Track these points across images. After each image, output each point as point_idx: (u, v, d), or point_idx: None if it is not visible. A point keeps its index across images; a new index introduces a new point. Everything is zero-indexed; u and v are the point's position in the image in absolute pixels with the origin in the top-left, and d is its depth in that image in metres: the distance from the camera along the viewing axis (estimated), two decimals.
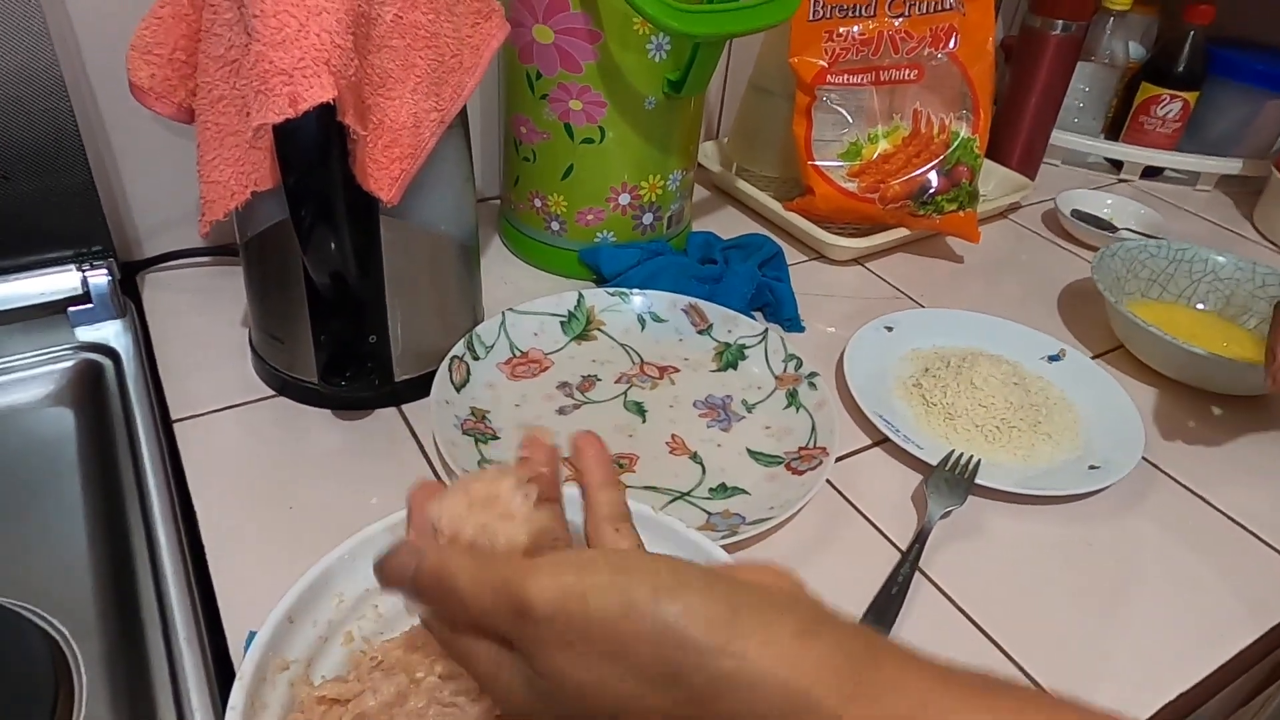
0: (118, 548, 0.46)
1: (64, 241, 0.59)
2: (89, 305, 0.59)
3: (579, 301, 0.66)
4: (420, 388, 0.58)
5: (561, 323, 0.66)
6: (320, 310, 0.54)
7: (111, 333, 0.59)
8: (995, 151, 0.97)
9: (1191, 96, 0.99)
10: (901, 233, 0.80)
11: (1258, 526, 0.56)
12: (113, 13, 0.59)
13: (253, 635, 0.41)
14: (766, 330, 0.65)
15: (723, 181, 0.88)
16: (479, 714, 0.30)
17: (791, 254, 0.81)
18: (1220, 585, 0.52)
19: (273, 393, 0.59)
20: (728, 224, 0.84)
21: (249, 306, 0.60)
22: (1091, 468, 0.57)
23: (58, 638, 0.42)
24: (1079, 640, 0.48)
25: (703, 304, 0.67)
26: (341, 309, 0.54)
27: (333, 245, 0.49)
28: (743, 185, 0.85)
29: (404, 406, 0.59)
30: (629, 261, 0.70)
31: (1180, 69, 0.98)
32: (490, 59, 0.55)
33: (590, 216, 0.71)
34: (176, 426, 0.55)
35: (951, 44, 0.76)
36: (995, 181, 0.94)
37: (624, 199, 0.70)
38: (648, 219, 0.72)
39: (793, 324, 0.70)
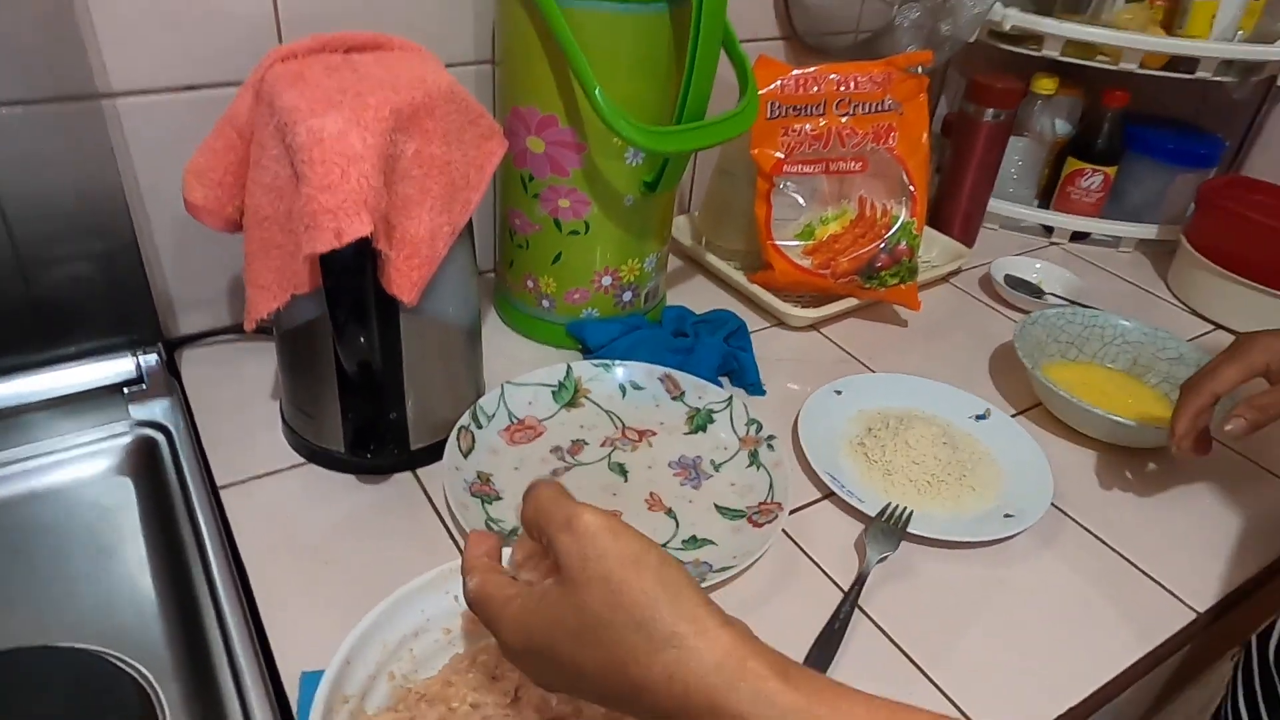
0: (184, 600, 0.55)
1: (119, 330, 0.68)
2: (142, 386, 0.68)
3: (568, 373, 0.76)
4: (433, 454, 0.67)
5: (553, 392, 0.75)
6: (349, 392, 0.63)
7: (160, 410, 0.68)
8: (937, 221, 1.09)
9: (1111, 170, 1.11)
10: (852, 301, 0.91)
11: (1146, 565, 0.66)
12: (156, 135, 0.68)
13: (305, 675, 0.50)
14: (731, 397, 0.74)
15: (693, 253, 0.98)
16: None
17: (755, 321, 0.91)
18: (1113, 614, 0.62)
19: (303, 460, 0.68)
20: (698, 292, 0.95)
21: (282, 385, 0.69)
22: (1007, 515, 0.67)
23: (141, 681, 0.50)
24: (994, 665, 0.57)
25: (676, 373, 0.76)
26: (367, 391, 0.63)
27: (362, 339, 0.59)
28: (711, 258, 0.96)
29: (419, 471, 0.68)
30: (611, 335, 0.80)
31: (1101, 145, 1.10)
32: (492, 174, 0.65)
33: (577, 295, 0.80)
34: (222, 492, 0.63)
35: (891, 140, 0.87)
36: (938, 249, 1.05)
37: (606, 280, 0.80)
38: (627, 296, 0.82)
39: (755, 388, 0.80)
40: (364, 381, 0.62)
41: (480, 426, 0.70)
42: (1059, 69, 1.08)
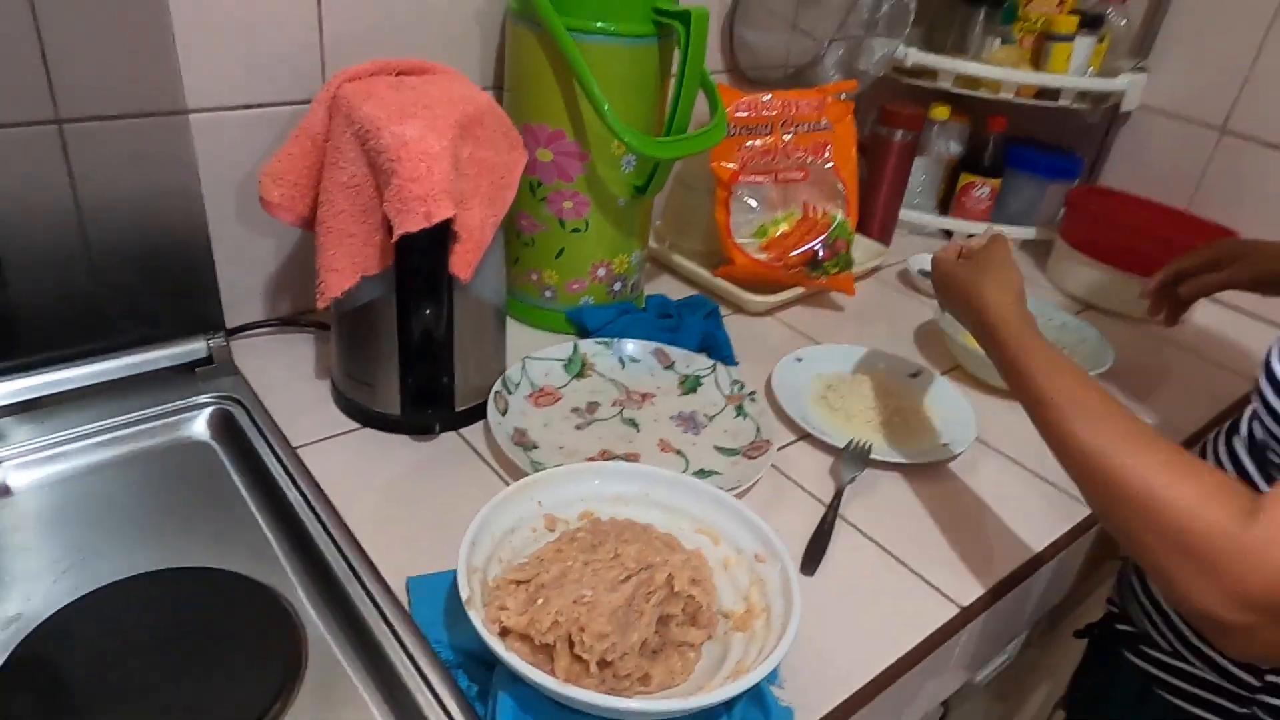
0: (296, 531, 0.64)
1: (191, 317, 0.77)
2: (212, 365, 0.77)
3: (575, 349, 0.89)
4: (474, 415, 0.79)
5: (564, 365, 0.88)
6: (412, 358, 0.74)
7: (229, 385, 0.77)
8: (861, 226, 1.27)
9: (996, 182, 1.32)
10: (799, 290, 1.07)
11: (1052, 476, 0.84)
12: (218, 147, 0.78)
13: (411, 579, 0.61)
14: (715, 364, 0.89)
15: (661, 255, 1.13)
16: (612, 578, 0.52)
17: (721, 309, 1.06)
18: (1035, 506, 0.79)
19: (358, 425, 0.78)
20: (667, 288, 1.09)
21: (337, 359, 0.79)
22: (944, 444, 0.84)
23: (277, 592, 0.60)
24: (950, 549, 0.73)
25: (666, 347, 0.90)
26: (428, 357, 0.74)
27: (429, 311, 0.71)
28: (678, 257, 1.11)
29: (462, 431, 0.79)
30: (607, 318, 0.93)
31: (987, 162, 1.32)
32: (519, 176, 0.78)
33: (576, 286, 0.94)
34: (299, 451, 0.73)
35: (827, 154, 1.05)
36: (862, 250, 1.23)
37: (601, 272, 0.94)
38: (618, 286, 0.96)
39: (729, 360, 0.95)
40: (425, 349, 0.73)
41: (510, 392, 0.82)
42: (951, 99, 1.29)
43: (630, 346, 0.90)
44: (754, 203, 1.05)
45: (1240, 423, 0.66)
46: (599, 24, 0.81)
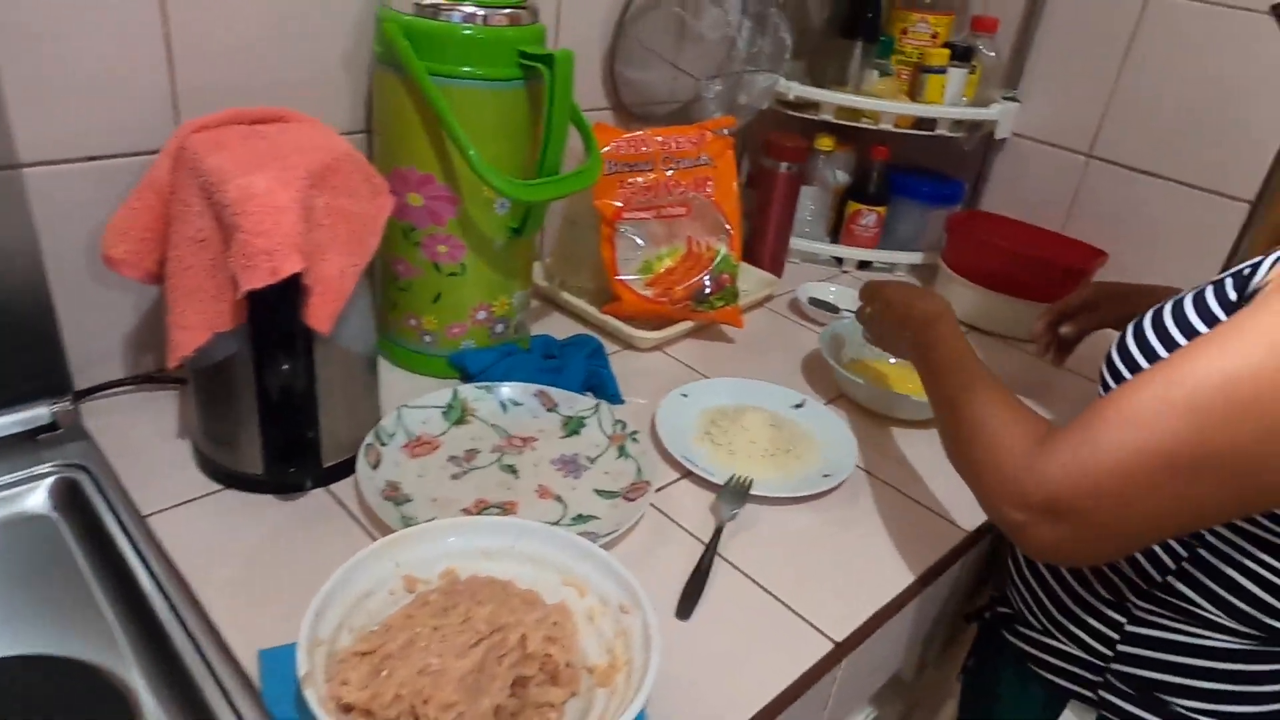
0: (138, 609, 0.61)
1: (33, 381, 0.73)
2: (57, 431, 0.73)
3: (454, 395, 0.87)
4: (342, 471, 0.76)
5: (443, 412, 0.86)
6: (271, 415, 0.71)
7: (76, 452, 0.73)
8: (752, 257, 1.29)
9: (882, 210, 1.36)
10: (688, 324, 1.08)
11: (929, 501, 0.85)
12: (59, 202, 0.75)
13: (263, 651, 0.58)
14: (599, 404, 0.88)
15: (549, 293, 1.12)
16: (462, 644, 0.50)
17: (608, 345, 1.05)
18: (910, 535, 0.80)
19: (220, 487, 0.75)
20: (556, 326, 1.08)
21: (195, 418, 0.75)
22: (825, 475, 0.85)
23: (114, 679, 0.56)
24: (822, 580, 0.73)
25: (549, 389, 0.89)
26: (288, 413, 0.71)
27: (286, 366, 0.68)
28: (566, 295, 1.10)
29: (330, 486, 0.76)
30: (489, 362, 0.92)
31: (872, 191, 1.35)
32: (384, 223, 0.76)
33: (456, 330, 0.92)
34: (152, 519, 0.69)
35: (708, 189, 1.06)
36: (753, 280, 1.25)
37: (481, 315, 0.92)
38: (500, 328, 0.95)
39: (615, 398, 0.94)
40: (285, 404, 0.70)
41: (384, 444, 0.80)
42: (835, 129, 1.32)
43: (512, 390, 0.89)
44: (639, 239, 1.05)
45: None
46: (465, 68, 0.81)
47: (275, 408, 0.70)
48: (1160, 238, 1.24)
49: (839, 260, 1.39)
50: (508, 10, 0.82)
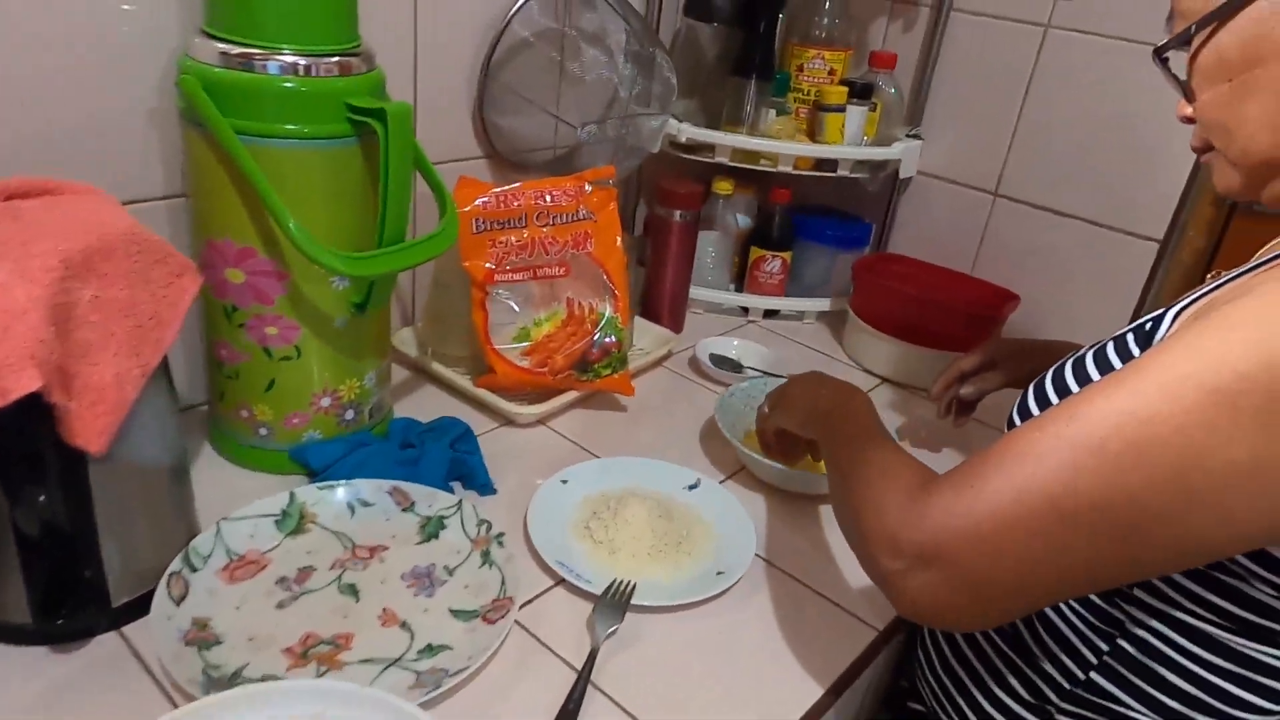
0: None
1: None
2: None
3: (291, 500, 0.75)
4: (141, 608, 0.63)
5: (275, 521, 0.74)
6: (31, 555, 0.58)
7: None
8: (648, 312, 1.20)
9: (787, 255, 1.28)
10: (573, 394, 0.98)
11: (836, 593, 0.76)
12: None
13: None
14: (461, 501, 0.77)
15: (420, 363, 1.01)
16: None
17: (484, 422, 0.95)
18: (813, 640, 0.71)
19: None
20: (428, 401, 0.97)
21: None
22: (719, 573, 0.75)
23: None
24: (712, 704, 0.63)
25: (405, 485, 0.78)
26: (53, 551, 0.59)
27: (42, 498, 0.56)
28: (437, 366, 0.99)
29: (125, 630, 0.63)
30: (336, 455, 0.80)
31: (776, 235, 1.28)
32: (186, 310, 0.64)
33: (296, 420, 0.80)
34: None
35: (589, 246, 0.96)
36: (650, 337, 1.15)
37: (325, 402, 0.81)
38: (350, 415, 0.83)
39: (486, 488, 0.83)
40: (48, 541, 0.58)
41: (195, 569, 0.67)
42: (733, 172, 1.25)
43: (362, 488, 0.77)
44: (514, 303, 0.95)
45: None
46: (287, 126, 0.70)
47: (35, 547, 0.58)
48: (1071, 278, 1.19)
49: (745, 310, 1.31)
50: (335, 58, 0.72)
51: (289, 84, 0.70)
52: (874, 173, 1.25)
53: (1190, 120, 0.61)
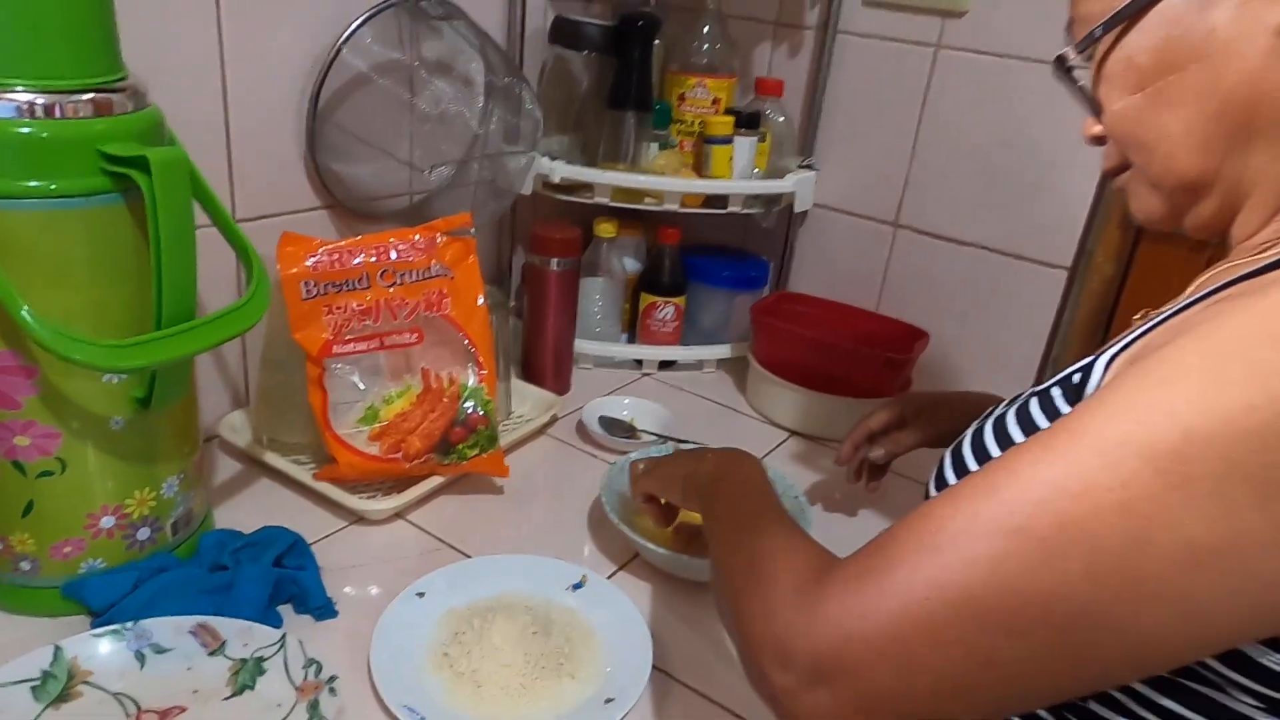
0: None
1: None
2: None
3: (55, 656, 0.58)
4: None
5: (33, 688, 0.57)
6: None
7: None
8: (529, 372, 1.07)
9: (680, 300, 1.18)
10: (436, 480, 0.83)
11: (746, 709, 0.64)
12: None
13: None
14: (284, 636, 0.62)
15: (253, 452, 0.85)
16: None
17: (330, 523, 0.79)
18: None
19: None
20: (262, 501, 0.81)
21: None
22: (608, 700, 0.62)
23: None
24: None
25: (214, 621, 0.62)
26: None
27: None
28: (271, 457, 0.83)
29: None
30: (123, 588, 0.64)
31: (667, 279, 1.17)
32: None
33: (68, 549, 0.64)
34: None
35: (445, 306, 0.83)
36: (531, 402, 1.02)
37: (107, 522, 0.64)
38: (144, 534, 0.67)
39: (324, 611, 0.68)
40: None
41: None
42: (616, 212, 1.13)
43: (155, 629, 0.61)
44: (358, 379, 0.80)
45: None
46: (27, 182, 0.55)
47: None
48: (981, 311, 1.12)
49: (639, 362, 1.19)
50: (88, 95, 0.57)
51: (25, 129, 0.55)
52: (768, 207, 1.16)
53: (1099, 140, 0.53)
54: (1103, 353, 0.47)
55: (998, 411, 0.53)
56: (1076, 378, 0.47)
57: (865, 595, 0.40)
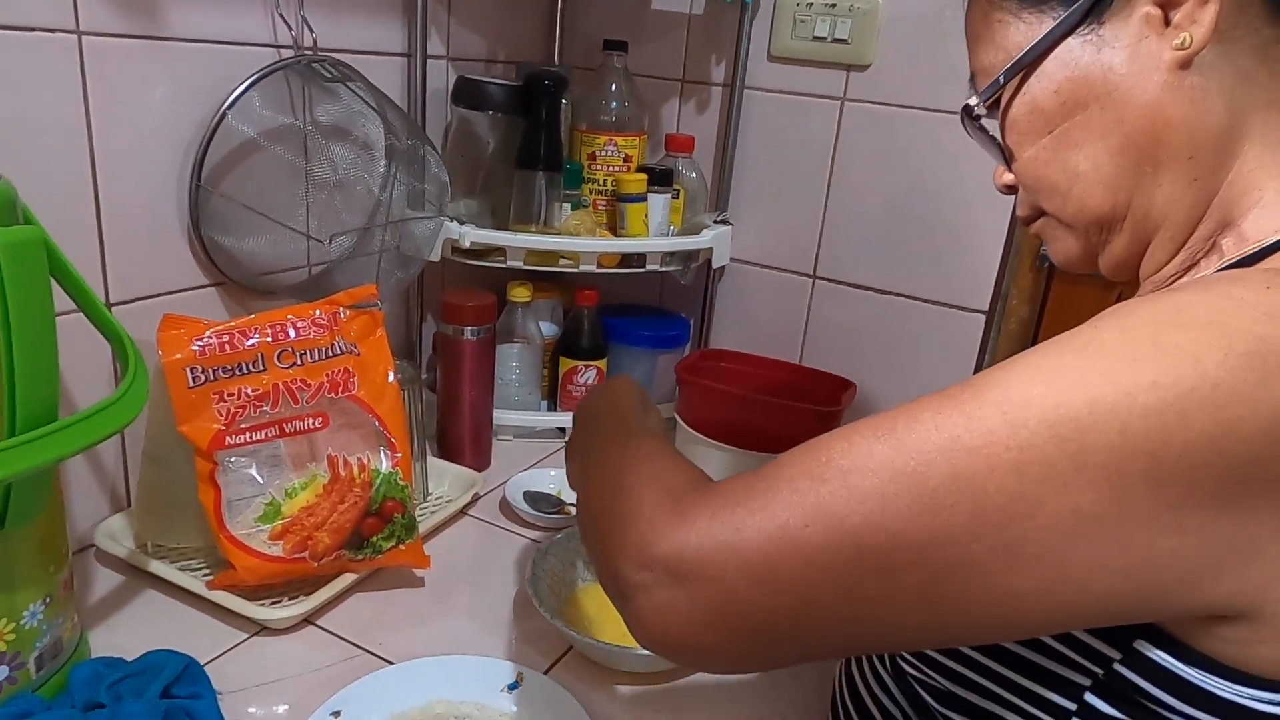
0: None
1: None
2: None
3: None
4: None
5: None
6: None
7: None
8: (445, 449, 1.00)
9: (602, 363, 1.13)
10: (350, 577, 0.76)
11: None
12: None
13: None
14: None
15: (136, 561, 0.76)
16: None
17: (229, 636, 0.71)
18: None
19: None
20: (145, 618, 0.72)
21: None
22: None
23: None
24: None
25: None
26: None
27: None
28: (157, 566, 0.74)
29: None
30: None
31: (586, 343, 1.12)
32: None
33: None
34: None
35: (352, 386, 0.76)
36: (449, 481, 0.96)
37: None
38: (0, 674, 0.57)
39: None
40: None
41: None
42: (531, 276, 1.09)
43: None
44: (255, 471, 0.73)
45: None
46: None
47: None
48: (902, 358, 1.12)
49: (562, 430, 1.13)
50: None
51: None
52: (685, 264, 1.14)
53: (1011, 188, 0.53)
54: None
55: None
56: None
57: (740, 511, 0.39)
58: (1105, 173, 0.46)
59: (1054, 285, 1.03)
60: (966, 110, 0.51)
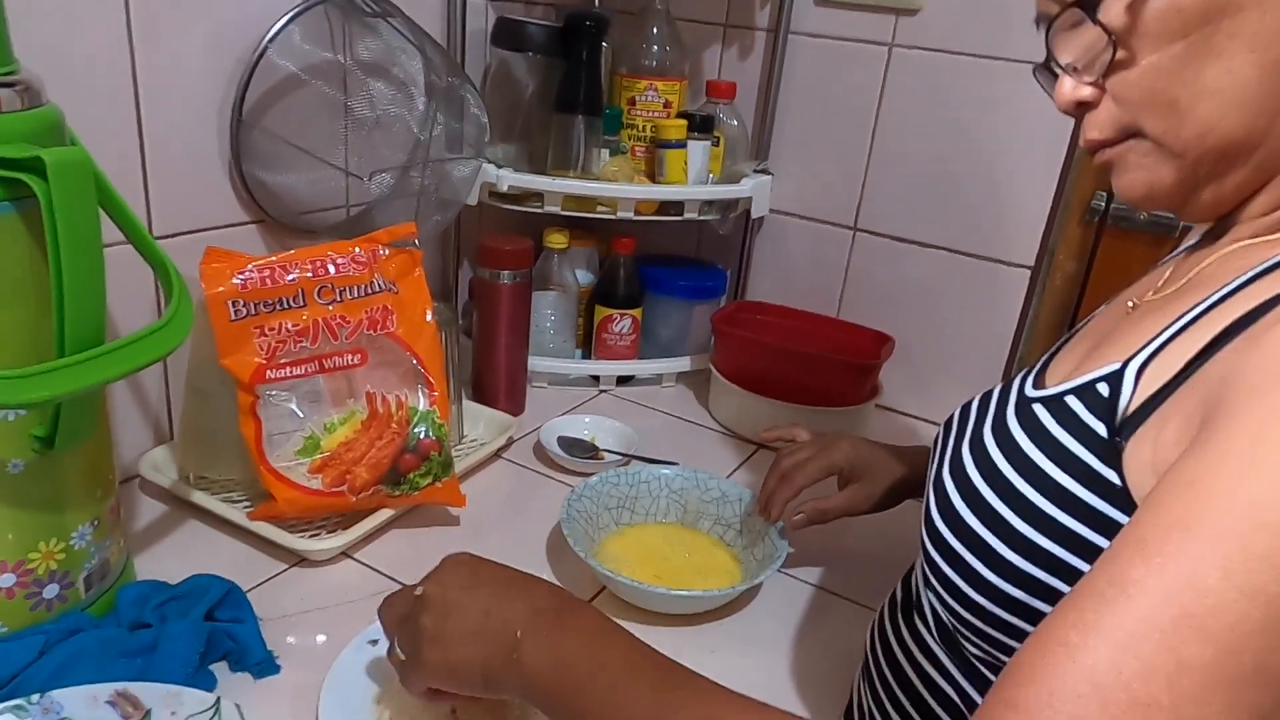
0: None
1: None
2: None
3: None
4: None
5: None
6: None
7: None
8: (481, 394, 1.01)
9: (637, 313, 1.13)
10: (387, 513, 0.77)
11: None
12: None
13: None
14: (219, 700, 0.55)
15: (179, 491, 0.77)
16: None
17: (269, 566, 0.72)
18: None
19: None
20: (188, 546, 0.73)
21: None
22: None
23: None
24: None
25: (135, 687, 0.55)
26: None
27: None
28: (199, 497, 0.76)
29: None
30: (27, 656, 0.56)
31: (622, 291, 1.12)
32: None
33: None
34: None
35: (391, 324, 0.76)
36: (484, 424, 0.96)
37: (7, 580, 0.56)
38: (51, 592, 0.59)
39: (265, 666, 0.61)
40: None
41: None
42: (568, 222, 1.08)
43: (66, 701, 0.54)
44: (296, 406, 0.73)
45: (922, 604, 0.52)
46: None
47: None
48: (943, 314, 1.10)
49: (596, 378, 1.13)
50: None
51: None
52: (724, 213, 1.12)
53: (1083, 105, 0.45)
54: (1130, 360, 0.42)
55: (992, 424, 0.49)
56: (1104, 389, 0.42)
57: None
58: (1249, 93, 0.39)
59: (1103, 239, 1.00)
60: (1042, 67, 0.45)
